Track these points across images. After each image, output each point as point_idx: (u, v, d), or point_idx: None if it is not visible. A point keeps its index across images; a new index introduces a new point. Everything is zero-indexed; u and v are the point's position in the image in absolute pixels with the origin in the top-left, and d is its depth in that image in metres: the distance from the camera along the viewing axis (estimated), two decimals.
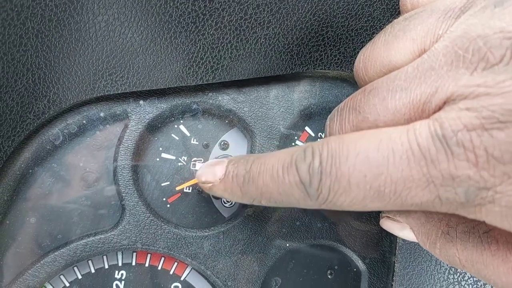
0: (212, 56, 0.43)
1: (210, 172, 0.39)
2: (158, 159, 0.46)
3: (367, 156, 0.28)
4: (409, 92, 0.29)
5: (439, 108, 0.27)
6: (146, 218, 0.43)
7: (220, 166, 0.39)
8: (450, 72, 0.27)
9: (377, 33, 0.45)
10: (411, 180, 0.27)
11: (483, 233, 0.30)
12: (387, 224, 0.37)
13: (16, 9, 0.34)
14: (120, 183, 0.43)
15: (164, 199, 0.45)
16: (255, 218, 0.46)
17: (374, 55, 0.35)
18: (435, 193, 0.27)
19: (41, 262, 0.41)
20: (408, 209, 0.29)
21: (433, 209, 0.28)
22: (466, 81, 0.26)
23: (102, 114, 0.44)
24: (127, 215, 0.43)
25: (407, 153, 0.27)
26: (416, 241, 0.35)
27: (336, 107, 0.37)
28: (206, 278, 0.46)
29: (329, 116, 0.38)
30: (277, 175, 0.33)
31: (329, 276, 0.49)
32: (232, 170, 0.37)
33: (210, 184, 0.39)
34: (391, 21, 0.45)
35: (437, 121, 0.26)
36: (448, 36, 0.28)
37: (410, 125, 0.28)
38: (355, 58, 0.38)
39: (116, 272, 0.45)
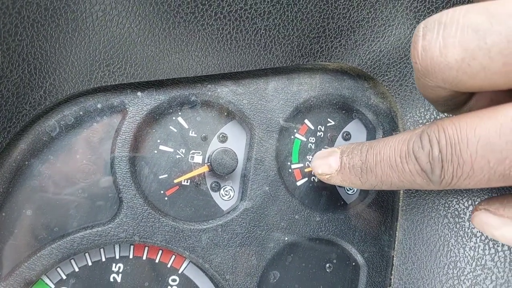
0: (211, 47, 0.42)
1: (325, 164, 0.40)
2: (156, 152, 0.45)
3: (488, 143, 0.27)
4: None
5: None
6: (143, 211, 0.43)
7: (334, 157, 0.40)
8: None
9: (379, 25, 0.45)
10: None
11: None
12: (483, 219, 0.35)
13: None
14: (117, 175, 0.42)
15: (162, 191, 0.45)
16: (253, 212, 0.45)
17: None
18: None
19: (38, 254, 0.40)
20: None
21: None
22: None
23: (99, 106, 0.43)
24: (125, 207, 0.42)
25: None
26: None
27: None
28: (204, 272, 0.46)
29: None
30: (395, 164, 0.33)
31: (327, 270, 0.49)
32: (348, 161, 0.38)
33: (327, 176, 0.40)
34: (393, 13, 0.44)
35: None
36: None
37: None
38: (356, 51, 0.37)
39: (114, 265, 0.44)
